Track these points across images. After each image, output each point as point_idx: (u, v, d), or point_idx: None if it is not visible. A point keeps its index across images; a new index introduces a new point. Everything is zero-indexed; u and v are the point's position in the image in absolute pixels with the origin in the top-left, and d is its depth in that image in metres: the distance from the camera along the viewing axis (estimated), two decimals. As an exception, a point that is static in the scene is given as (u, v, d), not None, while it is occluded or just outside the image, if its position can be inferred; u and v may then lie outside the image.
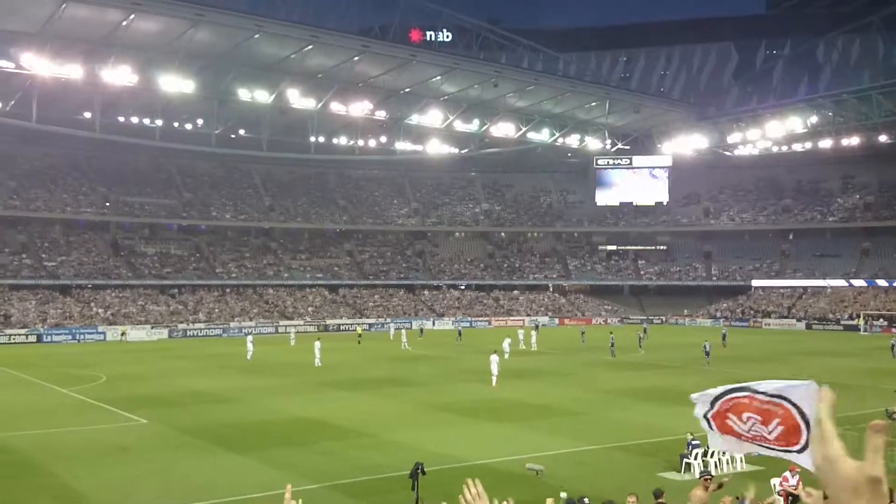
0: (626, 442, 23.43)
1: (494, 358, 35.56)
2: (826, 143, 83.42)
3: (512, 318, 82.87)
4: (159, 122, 73.43)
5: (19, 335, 62.41)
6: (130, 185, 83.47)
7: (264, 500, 16.31)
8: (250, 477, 19.24)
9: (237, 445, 22.71)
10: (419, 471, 16.18)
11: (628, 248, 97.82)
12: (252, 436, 24.01)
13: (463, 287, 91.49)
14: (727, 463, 19.75)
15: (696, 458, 19.29)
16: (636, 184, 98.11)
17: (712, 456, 19.43)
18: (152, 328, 67.84)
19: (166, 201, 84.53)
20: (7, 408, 29.57)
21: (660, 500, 12.13)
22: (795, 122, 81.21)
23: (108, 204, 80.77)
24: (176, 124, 78.18)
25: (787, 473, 15.71)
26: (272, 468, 19.88)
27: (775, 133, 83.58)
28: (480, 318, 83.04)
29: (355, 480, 19.28)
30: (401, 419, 27.39)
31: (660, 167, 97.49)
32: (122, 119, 75.60)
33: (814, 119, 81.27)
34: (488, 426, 26.17)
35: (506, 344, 35.66)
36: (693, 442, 19.64)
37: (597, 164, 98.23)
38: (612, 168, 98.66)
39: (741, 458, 20.06)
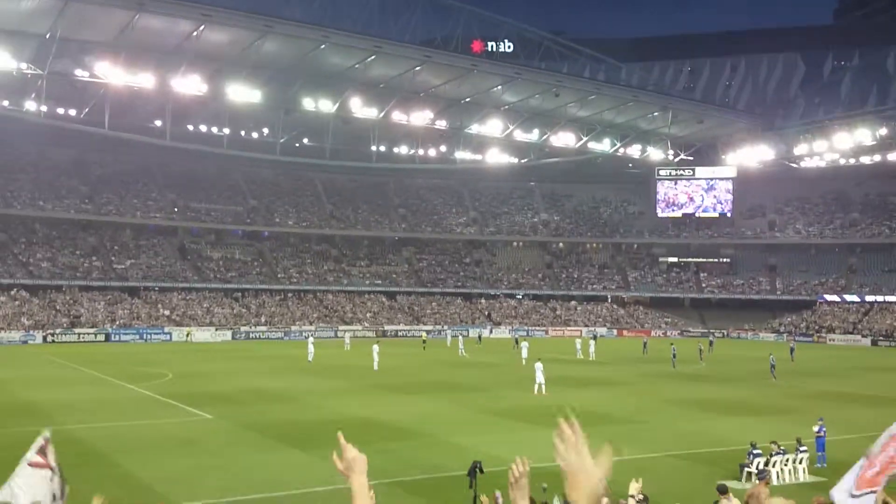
0: (686, 451, 23.15)
1: (539, 366, 35.48)
2: (895, 156, 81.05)
3: (569, 328, 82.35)
4: (226, 131, 75.38)
5: (88, 334, 64.58)
6: (198, 191, 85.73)
7: (327, 493, 16.64)
8: (312, 472, 19.60)
9: (298, 442, 23.16)
10: (477, 469, 16.29)
11: (690, 260, 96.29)
12: (312, 433, 24.44)
13: (520, 296, 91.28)
14: (790, 473, 19.39)
15: (756, 467, 18.98)
16: (699, 195, 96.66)
17: (774, 466, 19.10)
18: (216, 330, 69.50)
19: (232, 208, 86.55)
20: (76, 401, 30.65)
21: (724, 496, 12.00)
22: (864, 134, 79.13)
23: (176, 209, 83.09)
24: (242, 133, 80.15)
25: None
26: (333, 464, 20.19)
27: (843, 145, 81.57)
28: (538, 328, 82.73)
29: (413, 479, 19.52)
30: (457, 422, 27.53)
31: (723, 178, 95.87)
32: (190, 127, 77.83)
33: (883, 131, 79.05)
34: (545, 432, 25.95)
35: (539, 374, 34.92)
36: (755, 451, 19.33)
37: (658, 175, 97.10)
38: (675, 179, 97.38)
39: (804, 469, 19.68)
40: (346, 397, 32.98)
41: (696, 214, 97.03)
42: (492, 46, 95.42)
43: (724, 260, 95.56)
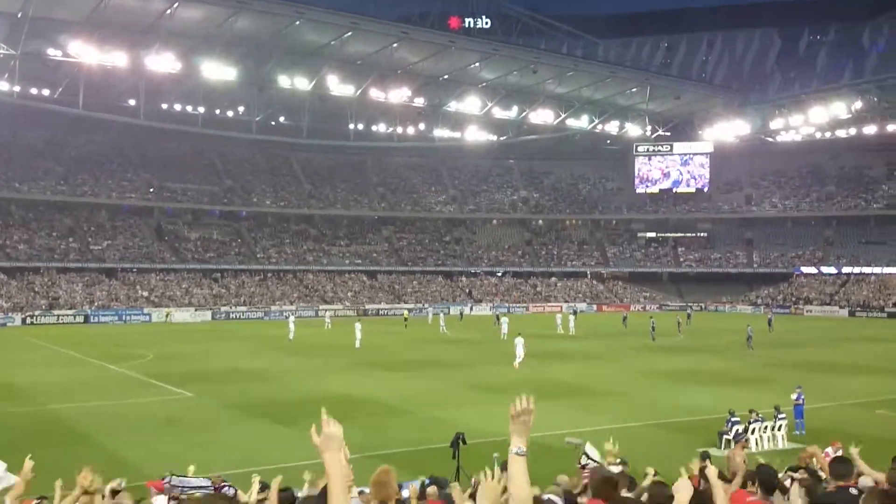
0: (665, 420, 23.48)
1: (519, 340, 35.76)
2: (871, 129, 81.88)
3: (549, 304, 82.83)
4: (201, 110, 74.64)
5: (67, 316, 64.10)
6: (174, 171, 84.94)
7: (315, 466, 16.70)
8: (296, 448, 19.65)
9: (282, 419, 23.22)
10: (460, 441, 16.48)
11: (668, 235, 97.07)
12: (295, 411, 24.47)
13: (500, 274, 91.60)
14: (768, 440, 19.73)
15: (734, 435, 19.29)
16: (676, 171, 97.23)
17: (752, 433, 19.43)
18: (196, 310, 69.20)
19: (208, 187, 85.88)
20: (58, 382, 30.49)
21: (704, 462, 12.11)
22: (839, 108, 79.76)
23: (151, 190, 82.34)
24: (217, 111, 79.40)
25: (830, 449, 15.67)
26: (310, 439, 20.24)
27: (819, 119, 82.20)
28: (518, 305, 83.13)
29: (397, 451, 19.66)
30: (440, 397, 27.71)
31: (700, 153, 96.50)
32: (165, 106, 76.96)
33: (858, 104, 79.72)
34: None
35: (519, 348, 35.35)
36: (733, 419, 19.64)
37: (636, 151, 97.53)
38: (652, 155, 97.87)
39: (783, 436, 20.03)
40: (328, 375, 33.04)
41: (674, 190, 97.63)
42: (469, 23, 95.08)
43: (702, 234, 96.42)
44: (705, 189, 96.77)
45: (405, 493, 9.03)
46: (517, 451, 3.25)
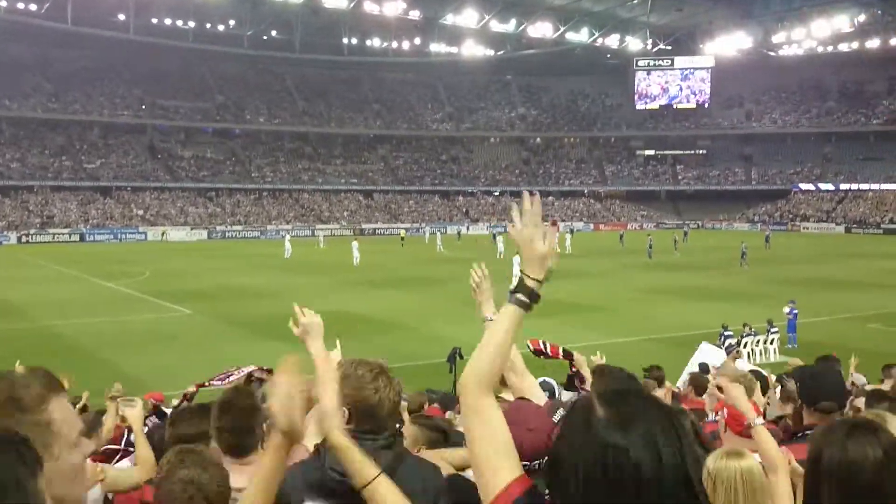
0: (661, 335, 23.70)
1: (517, 259, 35.79)
2: (873, 43, 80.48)
3: (546, 223, 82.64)
4: (192, 24, 72.93)
5: (62, 234, 64.03)
6: (165, 88, 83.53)
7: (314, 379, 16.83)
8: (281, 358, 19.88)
9: (280, 334, 23.28)
10: (457, 355, 16.62)
11: (667, 152, 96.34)
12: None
13: (497, 193, 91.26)
14: (761, 353, 19.95)
15: (726, 348, 19.48)
16: (677, 86, 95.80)
17: (745, 346, 19.61)
18: (192, 229, 69.16)
19: (200, 104, 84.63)
20: (56, 299, 30.61)
21: (661, 386, 12.02)
22: (842, 21, 78.19)
23: (143, 107, 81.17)
24: (208, 25, 77.59)
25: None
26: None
27: (821, 33, 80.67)
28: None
29: (395, 366, 19.81)
30: (437, 314, 27.87)
31: (701, 68, 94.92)
32: (154, 21, 75.10)
33: (861, 17, 78.15)
34: (524, 321, 26.52)
35: (516, 267, 35.62)
36: (726, 333, 19.80)
37: (637, 66, 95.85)
38: (653, 69, 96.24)
39: (775, 350, 20.25)
40: (326, 292, 33.13)
41: (674, 105, 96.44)
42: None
43: (701, 151, 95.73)
44: (706, 105, 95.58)
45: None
46: (490, 318, 3.22)
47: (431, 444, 4.31)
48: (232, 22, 79.01)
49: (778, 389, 6.96)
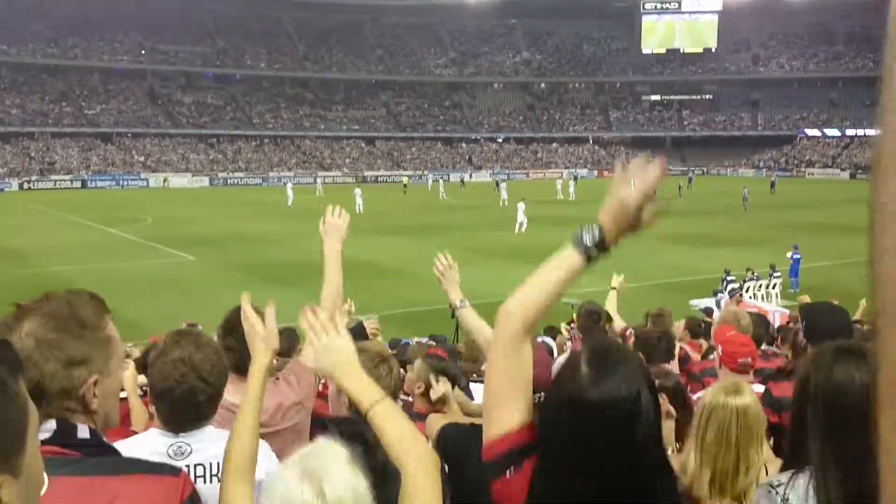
0: (663, 280, 23.71)
1: (521, 205, 35.73)
2: (885, -14, 78.82)
3: (550, 170, 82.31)
4: (190, -34, 71.55)
5: (64, 181, 63.86)
6: (164, 32, 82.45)
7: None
8: (299, 307, 19.96)
9: (284, 280, 23.42)
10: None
11: (672, 97, 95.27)
12: (297, 273, 24.62)
13: (501, 140, 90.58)
14: (762, 298, 19.97)
15: (729, 293, 19.51)
16: (684, 29, 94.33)
17: (747, 291, 19.64)
18: (193, 176, 68.94)
19: (200, 49, 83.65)
20: (58, 245, 30.66)
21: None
22: (854, -37, 76.50)
23: (143, 52, 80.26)
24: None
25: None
26: (318, 301, 20.53)
27: (833, -25, 78.98)
28: (518, 171, 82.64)
29: (399, 312, 19.96)
30: (440, 260, 27.86)
31: (709, 11, 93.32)
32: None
33: (874, -41, 76.37)
34: (525, 267, 26.06)
35: (520, 213, 35.37)
36: (728, 278, 19.82)
37: (643, 9, 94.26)
38: (660, 13, 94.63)
39: (777, 294, 20.27)
40: (328, 238, 33.12)
41: (681, 50, 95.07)
42: None
43: (707, 97, 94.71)
44: (713, 49, 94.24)
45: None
46: (461, 305, 3.22)
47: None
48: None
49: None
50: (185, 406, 2.50)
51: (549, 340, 6.36)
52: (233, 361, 3.33)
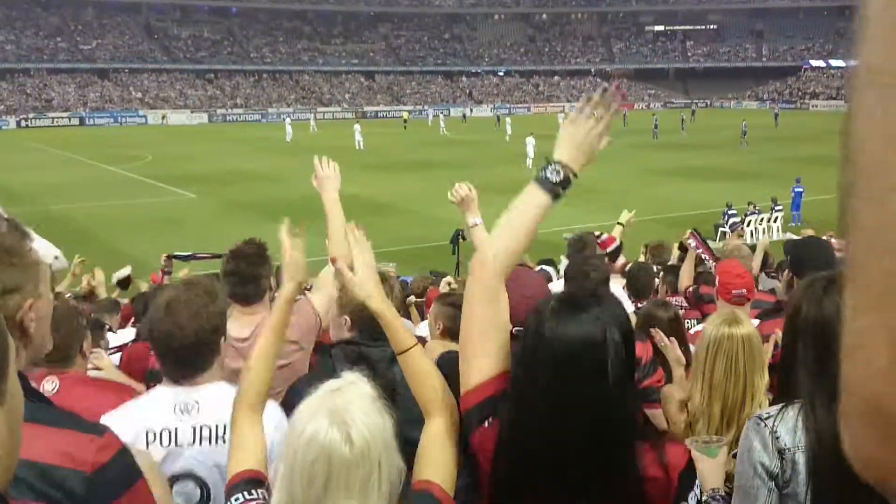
0: (665, 215, 23.67)
1: (530, 140, 35.43)
2: None
3: (552, 104, 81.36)
4: None
5: (62, 118, 63.28)
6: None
7: (315, 263, 17.00)
8: (305, 244, 20.00)
9: (285, 217, 23.44)
10: (460, 237, 16.70)
11: (676, 28, 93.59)
12: (298, 210, 24.28)
13: (502, 73, 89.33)
14: (764, 231, 19.99)
15: (730, 226, 19.50)
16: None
17: (749, 224, 19.64)
18: (192, 112, 68.26)
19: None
20: (59, 183, 30.53)
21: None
22: None
23: (137, -16, 78.72)
24: None
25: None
26: (320, 237, 20.57)
27: None
28: (520, 105, 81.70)
29: (400, 249, 19.98)
30: (440, 197, 27.31)
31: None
32: None
33: None
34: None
35: (530, 148, 35.19)
36: (730, 212, 19.78)
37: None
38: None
39: (778, 227, 20.28)
40: (328, 175, 32.98)
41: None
42: None
43: (711, 27, 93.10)
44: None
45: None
46: (474, 223, 3.18)
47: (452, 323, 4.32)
48: None
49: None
50: (179, 357, 2.44)
51: (547, 268, 6.43)
52: (234, 288, 3.35)
